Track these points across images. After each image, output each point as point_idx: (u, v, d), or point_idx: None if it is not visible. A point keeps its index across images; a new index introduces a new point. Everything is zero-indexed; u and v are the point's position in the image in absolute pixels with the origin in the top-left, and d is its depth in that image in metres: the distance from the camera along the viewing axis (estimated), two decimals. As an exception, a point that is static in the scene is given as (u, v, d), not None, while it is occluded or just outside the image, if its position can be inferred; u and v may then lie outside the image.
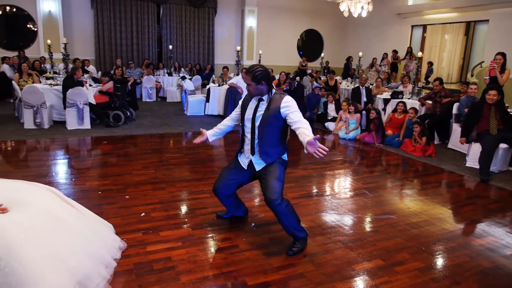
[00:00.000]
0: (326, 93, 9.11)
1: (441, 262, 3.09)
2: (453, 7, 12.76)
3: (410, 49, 13.09)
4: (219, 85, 9.68)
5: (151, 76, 11.70)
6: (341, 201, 4.27)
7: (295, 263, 2.92)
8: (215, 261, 2.90)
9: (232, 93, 8.49)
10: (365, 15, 11.75)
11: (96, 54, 13.11)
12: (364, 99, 9.01)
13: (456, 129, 6.77)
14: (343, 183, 5.01)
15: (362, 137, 7.34)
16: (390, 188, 4.86)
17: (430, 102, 7.75)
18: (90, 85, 8.25)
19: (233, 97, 8.43)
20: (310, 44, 16.97)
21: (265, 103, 2.98)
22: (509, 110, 6.12)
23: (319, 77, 12.31)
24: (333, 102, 8.64)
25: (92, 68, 11.77)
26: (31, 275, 2.00)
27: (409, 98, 8.42)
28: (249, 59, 15.06)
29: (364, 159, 6.41)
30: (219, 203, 3.75)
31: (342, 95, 10.78)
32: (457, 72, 15.82)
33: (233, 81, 8.73)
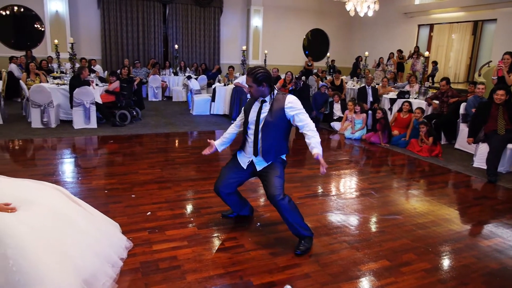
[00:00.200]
0: (332, 92, 9.08)
1: (448, 263, 3.06)
2: (461, 6, 12.66)
3: (417, 49, 12.99)
4: (224, 84, 9.69)
5: (157, 76, 11.74)
6: (347, 201, 4.26)
7: (301, 263, 2.91)
8: (220, 260, 2.90)
9: (238, 92, 8.49)
10: (371, 14, 11.68)
11: (102, 54, 13.18)
12: (370, 98, 8.97)
13: (463, 129, 6.72)
14: (348, 183, 4.99)
15: (368, 137, 7.31)
16: (396, 189, 4.84)
17: (437, 102, 7.70)
18: (96, 84, 8.30)
19: (238, 96, 8.43)
20: (316, 44, 16.93)
21: (268, 105, 3.01)
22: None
23: (325, 77, 12.28)
24: (339, 101, 8.61)
25: (98, 68, 11.84)
26: (38, 274, 2.02)
27: (415, 98, 8.37)
28: (254, 59, 15.07)
29: (370, 159, 6.38)
30: (224, 202, 3.76)
31: (348, 94, 10.74)
32: (464, 71, 15.71)
33: (238, 80, 8.73)
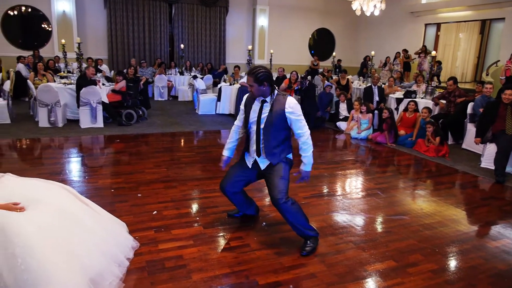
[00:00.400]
0: (338, 92, 9.05)
1: (455, 264, 3.04)
2: (468, 5, 12.55)
3: (424, 48, 12.89)
4: (230, 84, 9.70)
5: (163, 75, 11.78)
6: (353, 201, 4.24)
7: (306, 263, 2.90)
8: (226, 260, 2.90)
9: (244, 92, 8.46)
10: (377, 13, 11.62)
11: (109, 54, 13.25)
12: (376, 98, 8.92)
13: (470, 129, 6.67)
14: (354, 183, 4.97)
15: (374, 137, 7.28)
16: (402, 189, 4.81)
17: (444, 101, 7.64)
18: (103, 84, 8.35)
19: (244, 96, 8.43)
20: (322, 43, 16.87)
21: (269, 105, 3.01)
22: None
23: (331, 76, 12.23)
24: (345, 101, 8.58)
25: (105, 67, 11.91)
26: (46, 272, 2.04)
27: (422, 98, 8.31)
28: (260, 58, 15.06)
29: (376, 159, 6.35)
30: (230, 202, 3.76)
31: (354, 94, 10.69)
32: (472, 71, 15.57)
33: (244, 80, 8.74)
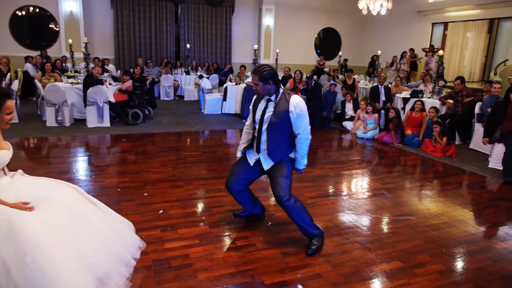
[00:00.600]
0: (345, 92, 9.01)
1: (463, 265, 3.01)
2: (476, 3, 12.44)
3: (432, 47, 12.79)
4: (236, 83, 9.71)
5: (169, 75, 11.82)
6: (359, 201, 4.22)
7: (312, 263, 2.90)
8: (232, 259, 2.90)
9: (249, 92, 8.49)
10: (384, 12, 11.57)
11: (115, 53, 13.32)
12: (383, 98, 8.88)
13: (478, 129, 6.61)
14: (360, 183, 4.95)
15: (380, 136, 7.24)
16: (409, 189, 4.78)
17: (451, 101, 7.58)
18: (109, 83, 8.39)
19: (250, 96, 8.44)
20: (328, 43, 16.82)
21: (273, 104, 3.00)
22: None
23: (337, 76, 12.20)
24: (351, 101, 8.55)
25: (111, 67, 11.97)
26: (55, 271, 2.06)
27: (429, 97, 8.25)
28: (266, 58, 15.04)
29: (382, 159, 6.31)
30: (236, 201, 3.76)
31: (361, 94, 10.65)
32: (479, 70, 15.42)
33: (250, 79, 8.74)
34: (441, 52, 9.39)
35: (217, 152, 6.11)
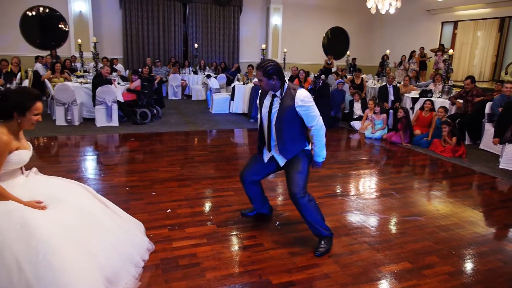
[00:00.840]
0: (353, 91, 8.97)
1: (472, 266, 2.98)
2: (486, 2, 12.28)
3: (442, 46, 12.66)
4: (244, 83, 9.71)
5: (177, 75, 11.86)
6: (367, 201, 4.20)
7: (320, 263, 2.89)
8: (239, 258, 2.91)
9: (257, 91, 8.47)
10: (393, 11, 11.47)
11: (124, 53, 13.40)
12: (391, 97, 8.81)
13: (488, 129, 6.53)
14: (368, 183, 4.92)
15: (389, 136, 7.19)
16: (418, 189, 4.74)
17: (461, 101, 7.50)
18: (118, 83, 8.44)
19: (258, 95, 8.42)
20: (336, 42, 16.74)
21: (279, 100, 2.93)
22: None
23: (345, 75, 12.14)
24: (359, 100, 8.50)
25: (120, 67, 12.05)
26: (66, 270, 2.09)
27: (438, 97, 8.17)
28: (274, 57, 15.02)
29: (391, 159, 6.27)
30: (244, 201, 3.77)
31: (369, 93, 10.58)
32: (490, 70, 15.24)
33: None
34: (451, 52, 9.28)
35: (224, 151, 6.12)
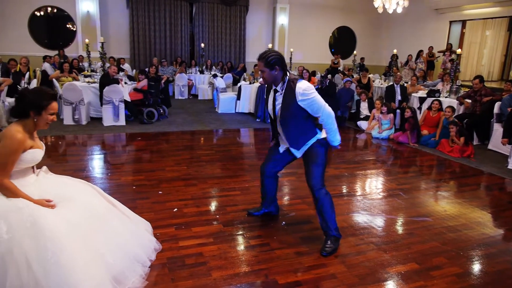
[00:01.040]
0: (359, 91, 8.93)
1: (481, 268, 2.95)
2: (495, 1, 12.15)
3: (450, 46, 12.55)
4: (250, 83, 9.71)
5: (183, 74, 11.89)
6: (374, 201, 4.18)
7: (327, 263, 2.88)
8: (246, 258, 2.91)
9: (263, 91, 8.48)
10: (400, 11, 11.40)
11: (131, 53, 13.46)
12: (398, 97, 8.75)
13: (497, 129, 6.46)
14: (375, 184, 4.89)
15: (396, 136, 7.14)
16: (425, 190, 4.70)
17: (469, 101, 7.43)
18: (125, 83, 8.49)
19: (264, 95, 8.42)
20: (343, 42, 16.67)
21: (281, 94, 2.89)
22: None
23: (352, 75, 12.09)
24: (366, 100, 8.46)
25: (127, 66, 12.10)
26: (74, 268, 2.11)
27: (446, 97, 8.11)
28: (280, 57, 14.97)
29: (398, 159, 6.23)
30: (250, 200, 3.77)
31: (376, 93, 10.53)
32: (499, 69, 15.08)
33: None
34: (459, 51, 9.20)
35: (231, 151, 6.13)
